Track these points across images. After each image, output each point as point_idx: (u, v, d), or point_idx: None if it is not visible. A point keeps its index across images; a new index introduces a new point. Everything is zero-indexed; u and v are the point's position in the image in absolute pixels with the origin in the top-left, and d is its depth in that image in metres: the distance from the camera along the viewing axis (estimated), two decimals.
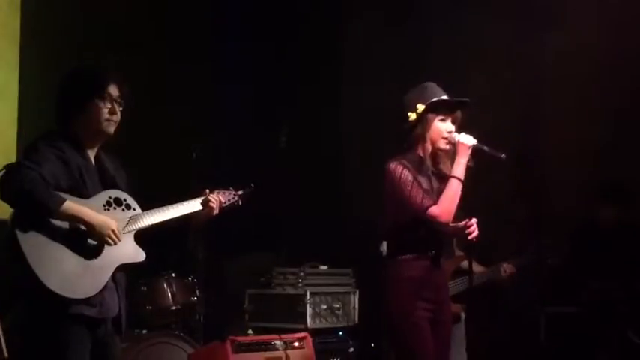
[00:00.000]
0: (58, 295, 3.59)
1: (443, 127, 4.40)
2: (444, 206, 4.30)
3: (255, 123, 7.74)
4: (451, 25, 7.17)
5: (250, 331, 6.22)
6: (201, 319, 6.18)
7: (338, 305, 6.52)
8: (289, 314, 6.37)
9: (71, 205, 3.68)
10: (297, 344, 5.66)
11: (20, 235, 3.60)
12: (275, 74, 7.87)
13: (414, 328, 4.29)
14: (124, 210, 3.93)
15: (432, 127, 4.39)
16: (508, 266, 6.05)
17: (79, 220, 3.71)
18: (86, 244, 3.75)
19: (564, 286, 6.47)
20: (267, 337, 5.65)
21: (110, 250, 3.80)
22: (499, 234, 6.38)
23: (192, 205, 4.18)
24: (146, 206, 4.05)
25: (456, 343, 5.80)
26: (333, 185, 7.65)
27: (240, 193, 4.42)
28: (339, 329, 6.53)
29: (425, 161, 4.41)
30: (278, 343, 5.60)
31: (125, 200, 3.96)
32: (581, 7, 6.73)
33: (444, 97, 4.42)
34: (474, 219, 4.36)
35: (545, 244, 6.17)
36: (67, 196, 3.69)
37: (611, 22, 6.62)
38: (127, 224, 3.90)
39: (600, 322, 6.20)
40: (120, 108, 3.96)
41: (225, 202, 4.32)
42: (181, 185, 4.43)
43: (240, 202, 4.41)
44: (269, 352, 5.54)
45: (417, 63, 7.05)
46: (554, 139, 6.95)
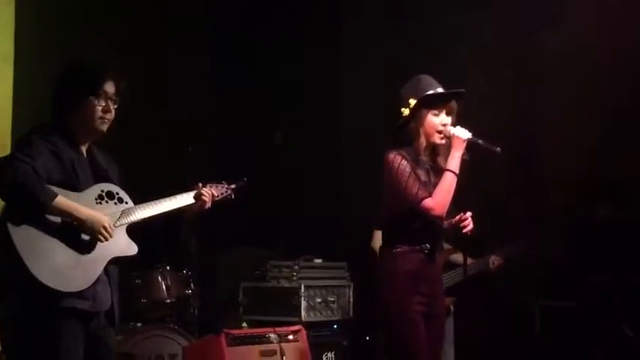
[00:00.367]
0: (49, 289, 3.58)
1: (436, 120, 4.38)
2: (438, 199, 4.29)
3: (253, 118, 7.73)
4: (450, 23, 7.16)
5: (245, 325, 6.21)
6: (196, 312, 6.18)
7: (332, 299, 6.52)
8: (284, 307, 6.37)
9: (63, 201, 3.67)
10: (291, 337, 5.67)
11: (11, 228, 3.58)
12: (274, 70, 7.86)
13: (409, 322, 4.28)
14: (116, 203, 3.92)
15: (426, 121, 4.37)
16: (496, 258, 6.06)
17: (70, 216, 3.70)
18: (78, 237, 3.74)
19: (560, 281, 6.47)
20: (262, 331, 5.66)
21: (102, 244, 3.78)
22: (493, 229, 6.38)
23: (185, 199, 4.18)
24: (140, 200, 4.04)
25: (445, 337, 5.82)
26: (328, 179, 7.64)
27: (233, 186, 4.42)
28: (333, 322, 6.53)
29: (422, 154, 4.39)
30: (272, 336, 5.61)
31: (117, 194, 3.95)
32: (581, 6, 6.71)
33: (437, 90, 4.40)
34: (468, 212, 4.35)
35: (534, 236, 6.17)
36: (59, 190, 3.68)
37: (611, 22, 6.59)
38: (119, 218, 3.89)
39: (596, 317, 6.20)
40: (115, 106, 3.94)
41: (218, 195, 4.31)
42: (176, 179, 4.41)
43: (233, 196, 4.41)
44: (263, 345, 5.55)
45: (415, 59, 7.03)
46: (551, 135, 6.93)
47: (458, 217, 4.36)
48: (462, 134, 4.32)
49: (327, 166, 7.67)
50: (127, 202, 3.97)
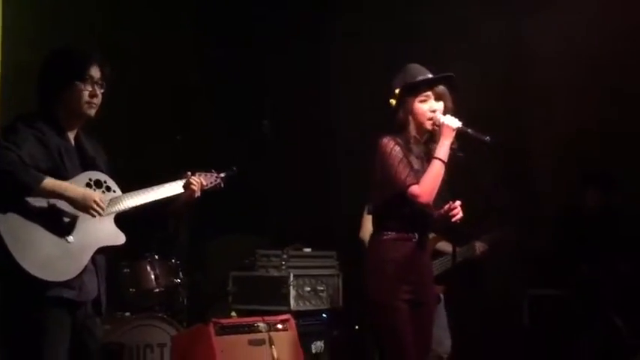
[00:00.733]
0: (36, 278, 3.57)
1: (425, 107, 4.35)
2: (424, 186, 4.27)
3: (243, 107, 7.71)
4: (442, 15, 7.17)
5: (233, 314, 6.21)
6: (185, 301, 6.18)
7: (322, 288, 6.52)
8: (273, 296, 6.36)
9: (51, 181, 3.66)
10: (280, 326, 5.66)
11: None
12: (264, 60, 7.84)
13: (395, 311, 4.26)
14: (104, 192, 3.90)
15: (413, 109, 4.35)
16: (481, 244, 6.06)
17: (59, 196, 3.68)
18: (65, 226, 3.72)
19: (548, 269, 6.49)
20: (251, 320, 5.65)
21: (90, 233, 3.77)
22: (479, 217, 6.39)
23: (174, 188, 4.16)
24: (127, 189, 4.02)
25: (440, 325, 5.83)
26: (318, 167, 7.64)
27: (223, 175, 4.40)
28: (322, 312, 6.52)
29: (417, 143, 4.37)
30: (261, 325, 5.59)
31: (105, 182, 3.93)
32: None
33: (426, 76, 4.38)
34: (457, 201, 4.34)
35: (518, 222, 6.18)
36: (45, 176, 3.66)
37: (599, 15, 6.62)
38: (107, 206, 3.86)
39: (584, 305, 6.22)
40: (101, 90, 3.92)
41: (207, 184, 4.29)
42: (165, 168, 4.39)
43: (223, 185, 4.39)
44: (252, 334, 5.53)
45: (407, 51, 7.02)
46: (539, 124, 6.96)
47: (447, 205, 4.34)
48: (452, 123, 4.30)
49: (317, 155, 7.67)
50: (114, 191, 3.95)
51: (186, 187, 4.18)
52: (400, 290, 4.29)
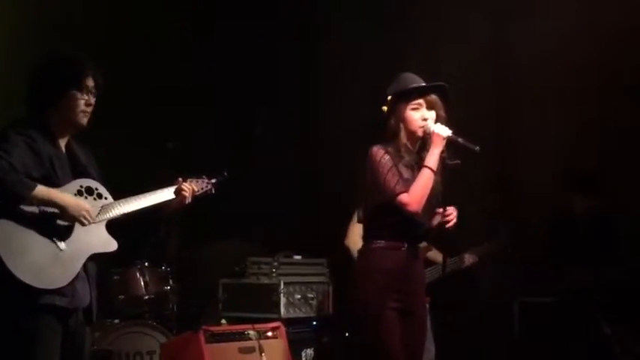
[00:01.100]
0: (28, 285, 3.56)
1: (417, 115, 4.36)
2: (414, 194, 4.27)
3: (232, 113, 7.71)
4: (431, 20, 7.19)
5: (224, 321, 6.17)
6: (175, 308, 6.16)
7: (312, 295, 6.51)
8: (263, 304, 6.34)
9: (43, 189, 3.64)
10: (270, 334, 5.66)
11: None
12: (253, 66, 7.84)
13: (382, 320, 4.23)
14: (95, 199, 3.89)
15: (405, 116, 4.36)
16: (470, 256, 6.07)
17: (51, 203, 3.67)
18: (57, 233, 3.71)
19: (538, 276, 6.49)
20: (241, 327, 5.64)
21: (81, 240, 3.76)
22: (471, 224, 6.40)
23: (165, 194, 4.16)
24: (118, 196, 4.01)
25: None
26: (308, 175, 7.64)
27: (214, 181, 4.40)
28: (312, 319, 6.51)
29: (408, 151, 4.38)
30: (251, 333, 5.59)
31: (97, 189, 3.92)
32: (558, 1, 6.79)
33: (414, 85, 4.39)
34: (451, 207, 4.34)
35: (508, 232, 6.19)
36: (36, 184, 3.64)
37: (587, 14, 6.64)
38: (98, 213, 3.86)
39: (574, 312, 6.22)
40: (94, 99, 3.92)
41: (199, 190, 4.29)
42: (156, 174, 4.39)
43: (214, 191, 4.39)
44: (242, 342, 5.53)
45: (395, 52, 7.06)
46: (527, 128, 6.98)
47: (441, 210, 4.33)
48: (442, 131, 4.31)
49: (307, 162, 7.67)
50: (106, 198, 3.94)
51: (178, 193, 4.18)
52: (388, 299, 4.27)
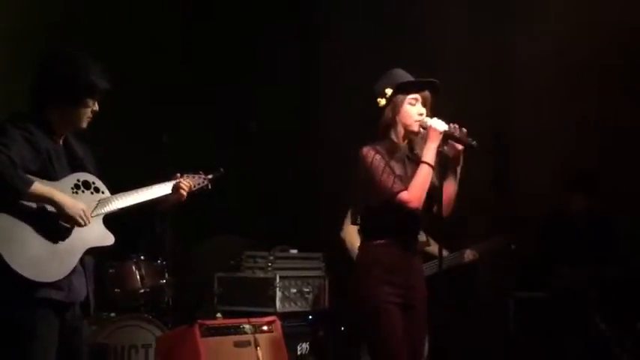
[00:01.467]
0: (25, 279, 3.55)
1: (413, 110, 4.37)
2: (413, 192, 4.28)
3: (230, 107, 7.70)
4: (428, 18, 7.19)
5: (219, 315, 6.19)
6: (170, 302, 6.17)
7: (308, 289, 6.52)
8: (259, 298, 6.35)
9: (40, 186, 3.63)
10: (266, 328, 5.66)
11: None
12: (250, 60, 7.83)
13: (382, 314, 4.26)
14: (92, 193, 3.89)
15: (402, 110, 4.36)
16: (471, 252, 6.07)
17: (48, 201, 3.66)
18: (55, 227, 3.70)
19: (534, 273, 6.50)
20: (236, 321, 5.65)
21: (79, 234, 3.76)
22: (469, 220, 6.41)
23: (163, 189, 4.15)
24: (115, 189, 4.01)
25: None
26: (305, 169, 7.63)
27: (210, 177, 4.40)
28: (308, 313, 6.52)
29: (398, 146, 4.38)
30: (247, 327, 5.59)
31: (94, 183, 3.91)
32: (555, 2, 6.79)
33: (418, 79, 4.41)
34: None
35: (510, 230, 6.19)
36: (35, 179, 3.64)
37: (583, 17, 6.65)
38: (95, 208, 3.86)
39: (569, 309, 6.24)
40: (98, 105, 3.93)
41: (195, 186, 4.30)
42: (151, 168, 4.39)
43: (210, 187, 4.39)
44: (238, 335, 5.53)
45: (395, 52, 7.05)
46: (525, 127, 6.98)
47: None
48: (439, 126, 4.31)
49: (304, 156, 7.67)
50: (103, 192, 3.93)
51: (176, 190, 4.18)
52: (390, 294, 4.29)
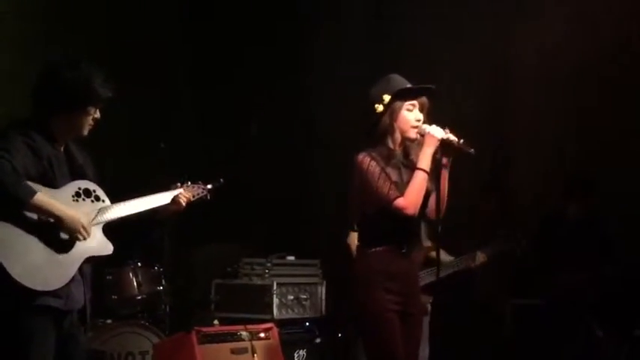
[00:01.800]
0: (23, 287, 3.55)
1: (411, 116, 4.37)
2: (409, 198, 4.28)
3: (227, 114, 7.71)
4: (426, 20, 7.21)
5: (216, 322, 6.18)
6: (167, 309, 6.15)
7: (305, 296, 6.51)
8: (256, 305, 6.34)
9: (42, 198, 3.63)
10: (263, 335, 5.65)
11: None
12: (248, 67, 7.84)
13: (383, 321, 4.27)
14: (92, 201, 3.89)
15: (400, 116, 4.36)
16: (481, 255, 6.05)
17: (49, 214, 3.66)
18: (56, 235, 3.71)
19: (531, 279, 6.51)
20: (233, 328, 5.63)
21: (79, 243, 3.75)
22: (469, 224, 6.43)
23: (162, 198, 4.17)
24: (113, 195, 4.01)
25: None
26: (301, 176, 7.64)
27: (210, 187, 4.42)
28: (305, 320, 6.51)
29: (394, 153, 4.39)
30: (244, 333, 5.58)
31: (94, 191, 3.91)
32: (552, 4, 6.80)
33: (408, 85, 4.41)
34: None
35: (515, 233, 6.19)
36: (37, 187, 3.64)
37: (579, 18, 6.67)
38: (95, 216, 3.86)
39: (566, 315, 6.24)
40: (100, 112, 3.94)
41: (194, 196, 4.31)
42: (149, 175, 4.39)
43: (209, 197, 4.40)
44: (235, 342, 5.52)
45: (388, 55, 7.07)
46: (522, 132, 7.00)
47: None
48: (437, 133, 4.31)
49: (300, 164, 7.67)
50: (103, 200, 3.94)
51: (175, 201, 4.20)
52: (386, 300, 4.30)
